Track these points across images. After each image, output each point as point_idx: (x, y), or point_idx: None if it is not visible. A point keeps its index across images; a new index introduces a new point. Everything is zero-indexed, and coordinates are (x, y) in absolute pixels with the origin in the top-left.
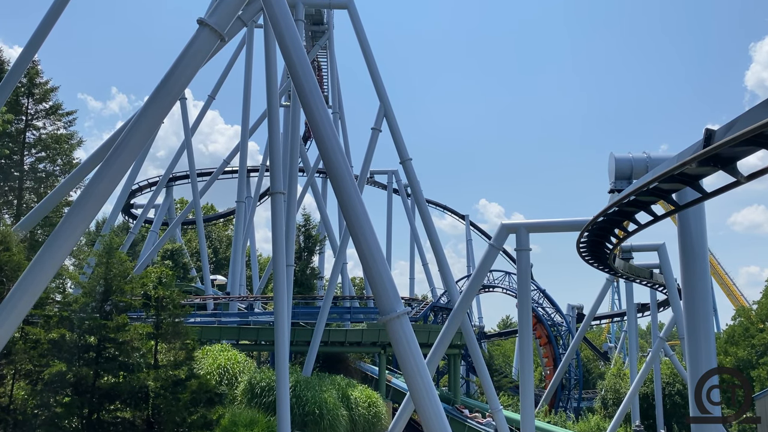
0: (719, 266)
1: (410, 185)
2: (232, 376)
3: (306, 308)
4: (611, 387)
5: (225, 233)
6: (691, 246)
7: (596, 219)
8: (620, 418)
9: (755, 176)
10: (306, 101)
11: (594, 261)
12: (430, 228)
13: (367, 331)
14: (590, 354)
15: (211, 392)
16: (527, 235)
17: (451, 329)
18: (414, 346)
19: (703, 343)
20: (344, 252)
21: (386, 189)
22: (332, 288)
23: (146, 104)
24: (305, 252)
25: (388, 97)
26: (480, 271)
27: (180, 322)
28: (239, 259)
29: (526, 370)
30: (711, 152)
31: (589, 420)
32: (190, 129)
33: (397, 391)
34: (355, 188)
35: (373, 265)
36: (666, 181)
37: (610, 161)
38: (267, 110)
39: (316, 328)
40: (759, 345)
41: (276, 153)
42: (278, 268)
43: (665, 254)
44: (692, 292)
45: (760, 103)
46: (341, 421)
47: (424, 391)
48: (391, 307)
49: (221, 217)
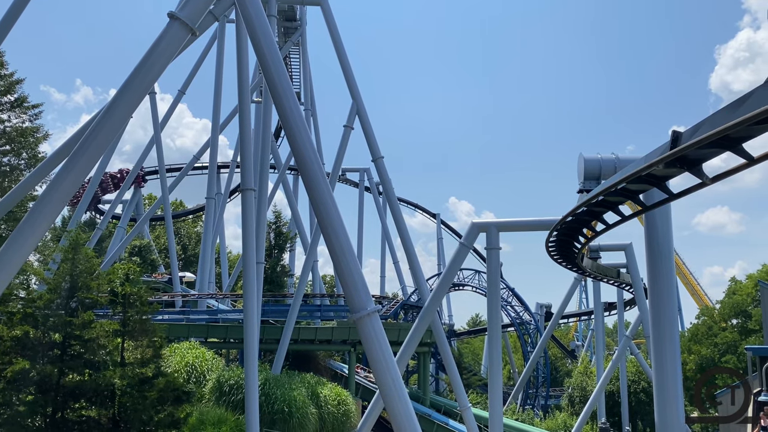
0: (684, 266)
1: (382, 183)
2: (200, 374)
3: (276, 306)
4: (578, 385)
5: (194, 230)
6: (657, 246)
7: (565, 218)
8: (587, 416)
9: (720, 178)
10: (278, 97)
11: (563, 260)
12: (401, 226)
13: (338, 329)
14: (558, 352)
15: (179, 390)
16: (497, 233)
17: (422, 327)
18: (384, 344)
19: (668, 341)
20: (315, 249)
21: (358, 187)
22: (302, 286)
23: (115, 98)
24: (276, 249)
25: (360, 94)
26: (450, 270)
27: (147, 320)
28: (208, 256)
29: (494, 368)
30: (678, 154)
31: (557, 417)
32: (159, 124)
33: (367, 389)
34: (326, 185)
35: (344, 263)
36: (634, 182)
37: (579, 162)
38: (238, 106)
39: (286, 325)
40: (721, 344)
41: (247, 149)
42: (248, 266)
43: (632, 254)
44: (658, 291)
45: (725, 107)
46: (310, 419)
47: (393, 389)
48: (362, 305)
49: (190, 213)
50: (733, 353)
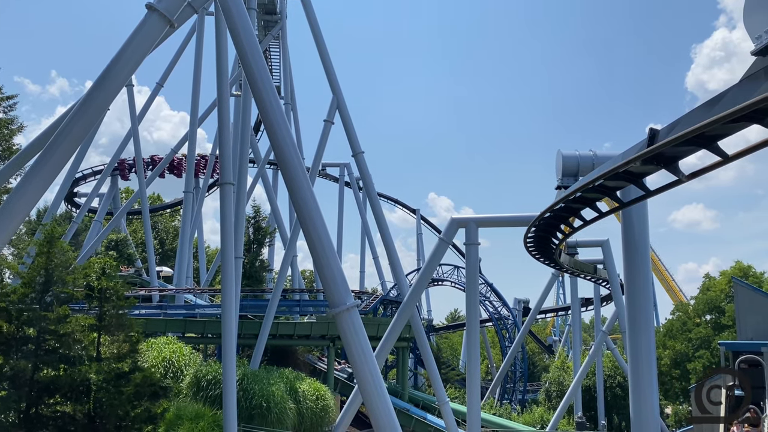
0: (660, 262)
1: (362, 178)
2: (178, 369)
3: (254, 301)
4: (555, 379)
5: (172, 224)
6: (633, 242)
7: (543, 215)
8: (563, 410)
9: (696, 175)
10: (257, 91)
11: (540, 256)
12: (381, 221)
13: (317, 324)
14: (535, 347)
15: (156, 385)
16: (476, 229)
17: (401, 322)
18: (363, 339)
19: (644, 336)
20: (294, 244)
21: (338, 182)
22: (281, 281)
23: (91, 90)
24: (254, 244)
25: (341, 89)
26: (429, 265)
27: (124, 314)
28: (186, 251)
29: (473, 364)
30: (654, 151)
31: (534, 412)
32: (137, 117)
33: (346, 383)
34: (306, 180)
35: (323, 258)
36: (611, 179)
37: (557, 158)
38: (217, 99)
39: (265, 320)
40: (695, 339)
41: (226, 143)
42: (226, 260)
43: (609, 250)
44: (634, 287)
45: (701, 105)
46: (288, 414)
47: (372, 384)
48: (341, 300)
49: (168, 207)
50: (706, 348)
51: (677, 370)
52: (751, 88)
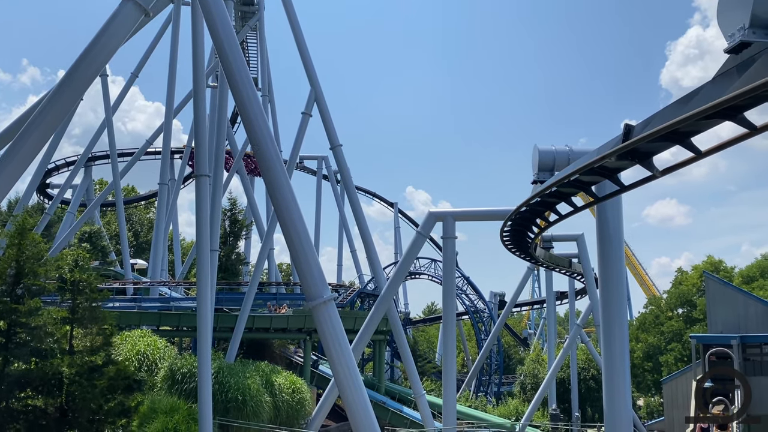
0: (633, 257)
1: (340, 171)
2: (152, 363)
3: (230, 294)
4: (530, 372)
5: (146, 216)
6: (608, 237)
7: (519, 209)
8: (538, 402)
9: (669, 171)
10: (234, 83)
11: (516, 249)
12: (358, 215)
13: (293, 318)
14: (511, 340)
15: (130, 379)
16: (454, 223)
17: (378, 315)
18: (340, 332)
19: (617, 330)
20: (271, 237)
21: (316, 175)
22: (258, 274)
23: (64, 79)
24: (231, 237)
25: (319, 81)
26: (407, 258)
27: (97, 307)
28: (161, 243)
29: (449, 356)
30: (629, 147)
31: (509, 404)
32: (111, 107)
33: (322, 377)
34: (283, 173)
35: (300, 251)
36: (586, 174)
37: (534, 153)
38: (193, 90)
39: (241, 314)
40: (668, 332)
41: (202, 135)
42: (202, 253)
43: (583, 244)
44: (608, 281)
45: (675, 102)
46: (264, 407)
47: (349, 377)
48: (318, 293)
49: (143, 199)
50: (678, 341)
51: (649, 362)
52: (723, 85)
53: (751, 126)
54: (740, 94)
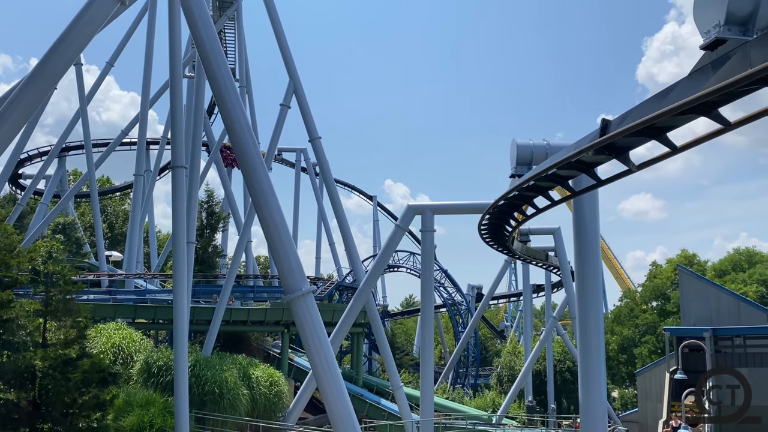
0: (609, 250)
1: (319, 164)
2: (128, 356)
3: (207, 287)
4: (507, 364)
5: (122, 207)
6: (584, 230)
7: (497, 202)
8: (514, 394)
9: (645, 165)
10: (212, 73)
11: (494, 243)
12: (337, 207)
13: (271, 310)
14: (488, 332)
15: (105, 372)
16: (432, 216)
17: (356, 308)
18: (318, 325)
19: (593, 322)
20: (249, 230)
21: (294, 167)
22: (235, 266)
23: (37, 67)
24: (207, 229)
25: (298, 73)
26: (386, 251)
27: (71, 299)
28: (136, 235)
29: (426, 349)
30: (606, 141)
31: (485, 396)
32: (85, 97)
33: (300, 369)
34: (262, 165)
35: (279, 244)
36: (564, 168)
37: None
38: (169, 81)
39: (218, 306)
40: (642, 325)
41: (178, 125)
42: (178, 246)
43: (560, 238)
44: (584, 274)
45: (651, 97)
46: (242, 400)
47: (327, 370)
48: (297, 286)
49: (118, 190)
50: (652, 334)
51: (624, 355)
52: (699, 81)
53: (725, 122)
54: (715, 90)
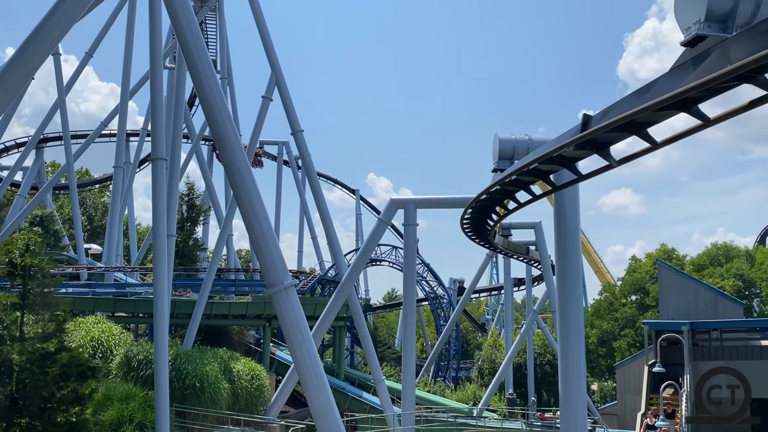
0: (589, 245)
1: (301, 157)
2: (107, 350)
3: (188, 280)
4: (488, 357)
5: (101, 200)
6: (565, 225)
7: (479, 197)
8: (495, 387)
9: (626, 161)
10: (193, 64)
11: (476, 237)
12: (320, 201)
13: (252, 304)
14: (469, 326)
15: (84, 366)
16: (415, 210)
17: (338, 302)
18: (300, 319)
19: (573, 316)
20: (230, 223)
21: (276, 160)
22: (216, 260)
23: (13, 57)
24: (188, 222)
25: (280, 65)
26: (368, 245)
27: (50, 293)
28: (116, 228)
29: (408, 342)
30: (587, 136)
31: (467, 389)
32: (63, 87)
33: (282, 363)
34: (243, 157)
35: (260, 237)
36: (545, 163)
37: (494, 142)
38: (150, 72)
39: (198, 300)
40: (621, 318)
41: (158, 117)
42: (158, 239)
43: (541, 232)
44: (564, 268)
45: (632, 93)
46: (223, 393)
47: (308, 363)
48: (279, 280)
49: (97, 182)
50: (631, 327)
51: (603, 348)
52: (679, 77)
53: (704, 118)
54: (695, 86)
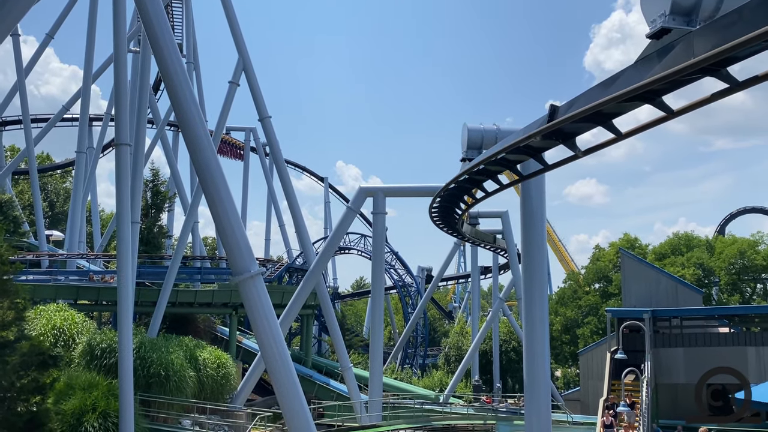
0: (554, 234)
1: (269, 144)
2: (69, 338)
3: (152, 268)
4: (454, 344)
5: (63, 185)
6: (531, 214)
7: (448, 186)
8: (461, 374)
9: (591, 151)
10: (158, 48)
11: (444, 225)
12: (288, 189)
13: (218, 292)
14: (436, 313)
15: (45, 354)
16: (384, 199)
17: (306, 290)
18: (267, 307)
19: (538, 303)
20: (195, 210)
21: (243, 147)
22: (181, 247)
23: None
24: (153, 209)
25: (247, 50)
26: (337, 233)
27: (9, 280)
28: (78, 214)
29: (376, 330)
30: (554, 127)
31: (433, 375)
32: (23, 70)
33: (248, 351)
34: (209, 143)
35: (227, 225)
36: (512, 153)
37: (463, 131)
38: (113, 55)
39: (163, 288)
40: (585, 306)
41: (122, 102)
42: (122, 225)
43: (508, 221)
44: (530, 256)
45: (598, 84)
46: (188, 382)
47: (275, 351)
48: (245, 267)
49: (59, 167)
50: (594, 315)
51: (567, 335)
52: (644, 69)
53: (668, 110)
54: (659, 78)
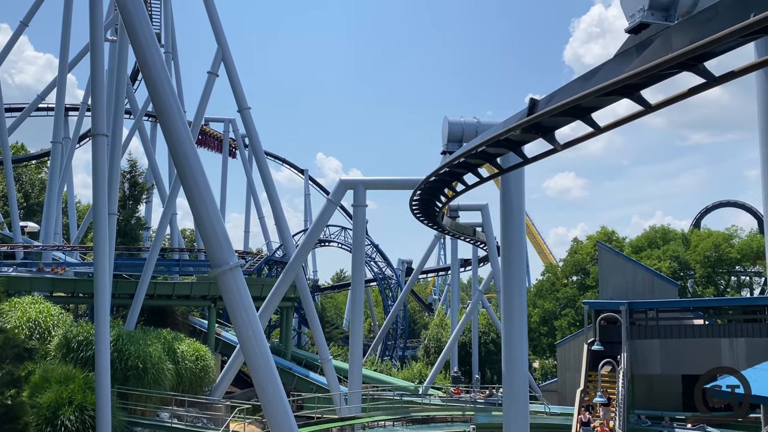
0: (533, 227)
1: (248, 135)
2: (45, 330)
3: (130, 260)
4: (434, 336)
5: (38, 176)
6: (510, 207)
7: (428, 178)
8: (440, 365)
9: (570, 145)
10: (135, 37)
11: (425, 218)
12: (267, 180)
13: (197, 285)
14: (416, 306)
15: (20, 347)
16: (364, 191)
17: (286, 282)
18: (246, 299)
19: (517, 296)
20: (174, 202)
21: (222, 138)
22: (159, 239)
23: None
24: (130, 200)
25: (226, 40)
26: (317, 226)
27: None
28: (54, 206)
29: (356, 322)
30: (533, 120)
31: (413, 367)
32: None
33: (227, 344)
34: (187, 134)
35: (205, 216)
36: (493, 146)
37: (443, 124)
38: (90, 44)
39: (141, 280)
40: (563, 298)
41: (99, 92)
42: (99, 217)
43: (487, 214)
44: (509, 249)
45: (577, 78)
46: (166, 374)
47: (254, 344)
48: (224, 260)
49: (34, 158)
50: (572, 307)
51: (545, 327)
52: (623, 64)
53: (646, 104)
54: (638, 73)
